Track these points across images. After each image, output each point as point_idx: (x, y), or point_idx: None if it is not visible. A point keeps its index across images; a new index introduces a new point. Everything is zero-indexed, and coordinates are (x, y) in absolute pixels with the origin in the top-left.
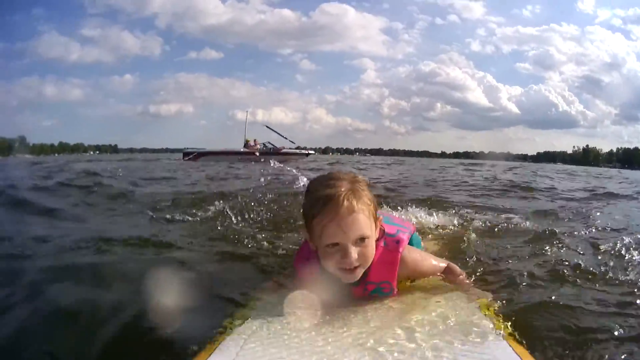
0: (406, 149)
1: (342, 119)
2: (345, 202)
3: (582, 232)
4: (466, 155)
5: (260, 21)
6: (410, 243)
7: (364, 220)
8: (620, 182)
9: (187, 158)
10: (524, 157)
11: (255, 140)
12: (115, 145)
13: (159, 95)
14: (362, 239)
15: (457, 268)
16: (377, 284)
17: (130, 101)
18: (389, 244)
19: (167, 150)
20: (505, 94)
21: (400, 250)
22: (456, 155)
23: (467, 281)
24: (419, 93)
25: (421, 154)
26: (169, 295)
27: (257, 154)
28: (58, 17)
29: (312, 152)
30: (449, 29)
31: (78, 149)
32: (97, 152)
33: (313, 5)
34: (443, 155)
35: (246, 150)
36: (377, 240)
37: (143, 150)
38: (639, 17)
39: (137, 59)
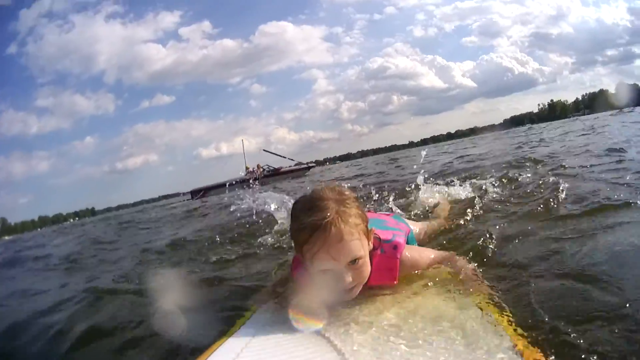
0: (374, 147)
1: (305, 133)
2: (333, 229)
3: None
4: (434, 139)
5: (204, 56)
6: (407, 243)
7: (354, 243)
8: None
9: (196, 197)
10: (491, 128)
11: (258, 165)
12: (93, 208)
13: (122, 150)
14: (355, 261)
15: (458, 260)
16: (376, 287)
17: (96, 162)
18: (387, 250)
19: (142, 202)
20: (458, 71)
21: (398, 255)
22: (424, 142)
23: (472, 273)
24: (373, 90)
25: (389, 148)
26: (169, 303)
27: (252, 180)
28: (11, 93)
29: (313, 164)
30: (388, 21)
31: (58, 219)
32: (77, 218)
33: (251, 29)
34: (411, 145)
35: (245, 177)
36: (374, 249)
37: (120, 207)
38: None
39: (93, 119)
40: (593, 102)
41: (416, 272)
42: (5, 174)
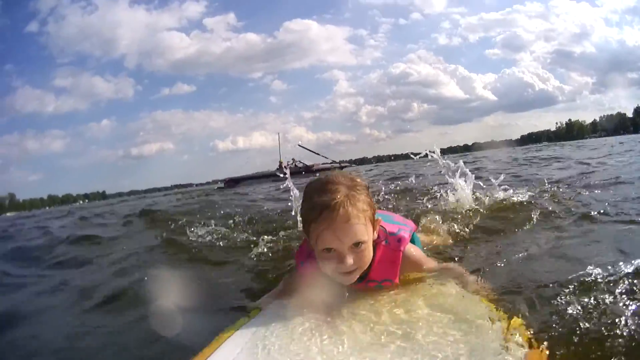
0: (390, 154)
1: (322, 134)
2: (341, 210)
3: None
4: (450, 150)
5: (227, 49)
6: (412, 241)
7: (359, 227)
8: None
9: (230, 187)
10: (508, 143)
11: (293, 159)
12: (104, 192)
13: (138, 136)
14: (358, 244)
15: (458, 268)
16: (379, 281)
17: (111, 146)
18: (391, 242)
19: (154, 190)
20: (479, 83)
21: (402, 248)
22: (442, 152)
23: (473, 280)
24: (394, 96)
25: (405, 156)
26: (171, 299)
27: (281, 175)
28: (29, 70)
29: (347, 164)
30: (413, 27)
31: (67, 199)
32: (87, 200)
33: (276, 25)
34: (427, 154)
35: (278, 172)
36: (378, 240)
37: (131, 193)
38: None
39: (111, 103)
40: (610, 125)
41: (416, 273)
42: (19, 151)
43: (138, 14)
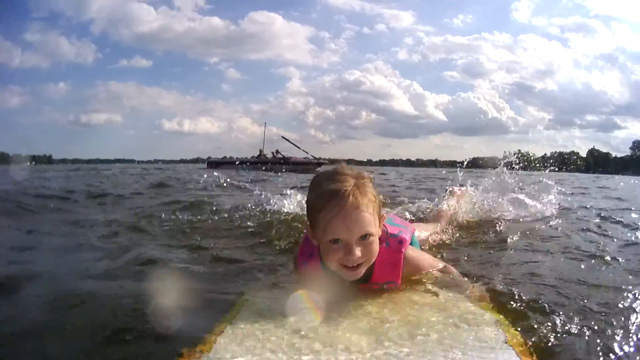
0: (332, 158)
1: (268, 129)
2: (351, 198)
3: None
4: (392, 162)
5: (190, 29)
6: (411, 243)
7: (368, 217)
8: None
9: (211, 168)
10: (452, 164)
11: (277, 150)
12: (50, 156)
13: (90, 104)
14: (366, 236)
15: (452, 268)
16: (382, 283)
17: (63, 109)
18: (392, 244)
19: (97, 161)
20: (432, 102)
21: (403, 250)
22: (382, 162)
23: (464, 279)
24: (344, 101)
25: (347, 162)
26: (163, 294)
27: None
28: (5, 19)
29: (326, 161)
30: (376, 38)
31: (16, 160)
32: (34, 162)
33: (242, 13)
34: (369, 163)
35: (257, 160)
36: (380, 240)
37: (76, 161)
38: (578, 25)
39: (71, 66)
40: (561, 161)
41: (417, 274)
42: None
43: None
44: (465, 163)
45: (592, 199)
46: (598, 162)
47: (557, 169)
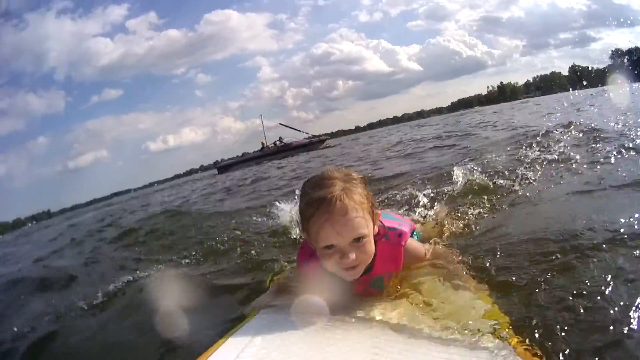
0: (321, 133)
1: (251, 122)
2: (338, 203)
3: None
4: (380, 123)
5: (150, 48)
6: (411, 236)
7: (358, 220)
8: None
9: (222, 173)
10: (439, 111)
11: (280, 138)
12: (49, 210)
13: (72, 148)
14: (359, 239)
15: (451, 256)
16: (382, 274)
17: (49, 162)
18: (392, 238)
19: (94, 201)
20: (403, 55)
21: (403, 243)
22: (370, 126)
23: (460, 268)
24: (318, 76)
25: (335, 134)
26: (174, 300)
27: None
28: None
29: (328, 137)
30: (333, 6)
31: (17, 224)
32: (34, 222)
33: (196, 18)
34: (357, 129)
35: (261, 153)
36: (378, 236)
37: (74, 208)
38: None
39: (45, 118)
40: (544, 84)
41: (416, 264)
42: None
43: (65, 24)
44: (449, 105)
45: None
46: (582, 78)
47: (540, 93)
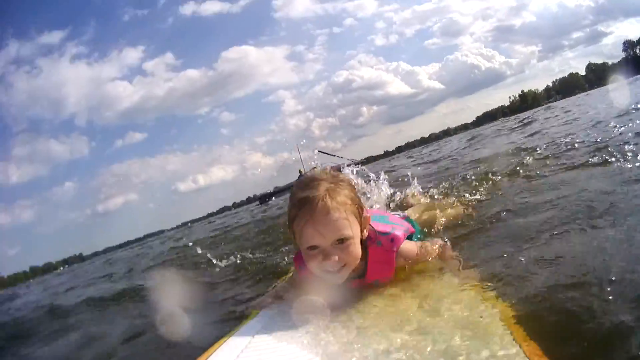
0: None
1: (280, 156)
2: (320, 204)
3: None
4: (408, 146)
5: (170, 89)
6: (409, 237)
7: (341, 221)
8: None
9: (263, 203)
10: (465, 127)
11: (314, 167)
12: (81, 254)
13: (101, 192)
14: (342, 240)
15: (449, 250)
16: (376, 280)
17: (78, 207)
18: (384, 243)
19: (128, 243)
20: (424, 75)
21: (395, 249)
22: (399, 149)
23: (458, 261)
24: (342, 104)
25: (367, 160)
26: (174, 301)
27: None
28: None
29: (364, 160)
30: (349, 33)
31: (49, 268)
32: (66, 265)
33: (214, 56)
34: (386, 154)
35: None
36: (370, 241)
37: (107, 250)
38: None
39: (70, 164)
40: (564, 87)
41: (410, 262)
42: None
43: (80, 69)
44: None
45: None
46: (598, 75)
47: (561, 97)
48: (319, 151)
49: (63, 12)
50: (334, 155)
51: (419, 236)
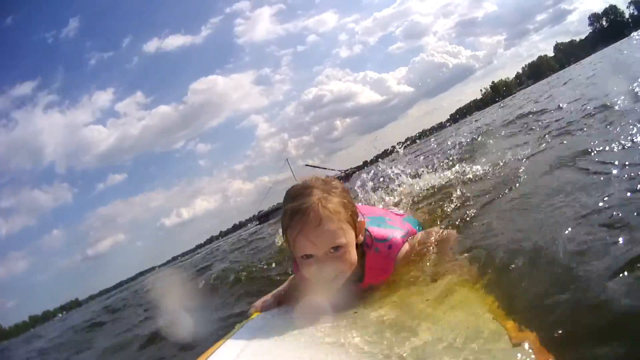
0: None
1: (260, 180)
2: (312, 214)
3: None
4: (386, 153)
5: (144, 127)
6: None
7: (334, 230)
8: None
9: (263, 222)
10: (440, 126)
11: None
12: (77, 299)
13: (89, 236)
14: (336, 248)
15: (449, 240)
16: (374, 284)
17: (68, 253)
18: (382, 250)
19: (122, 283)
20: (392, 80)
21: (393, 256)
22: (377, 158)
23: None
24: (315, 121)
25: (345, 172)
26: (175, 301)
27: None
28: None
29: (355, 170)
30: (313, 49)
31: (47, 316)
32: (64, 312)
33: (182, 90)
34: (365, 164)
35: None
36: (367, 247)
37: (101, 293)
38: None
39: (55, 211)
40: (534, 71)
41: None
42: None
43: (54, 118)
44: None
45: None
46: (568, 54)
47: (532, 82)
48: (306, 165)
49: (31, 62)
50: (323, 168)
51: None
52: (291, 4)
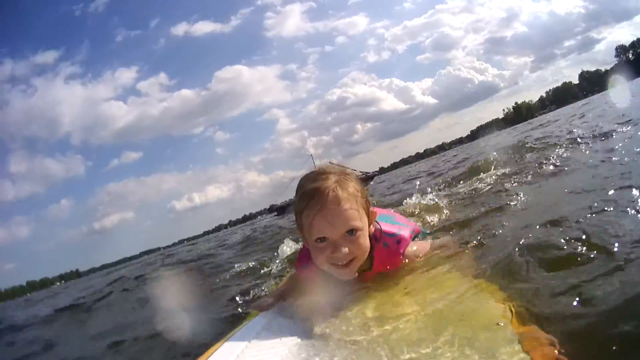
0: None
1: (275, 175)
2: (331, 194)
3: None
4: (403, 162)
5: (165, 109)
6: (416, 236)
7: (351, 211)
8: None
9: (280, 214)
10: (460, 141)
11: None
12: (77, 270)
13: (97, 210)
14: (352, 231)
15: (450, 242)
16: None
17: (74, 224)
18: (390, 244)
19: (125, 260)
20: (417, 90)
21: (402, 250)
22: (394, 165)
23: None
24: (336, 122)
25: (379, 172)
26: (175, 301)
27: None
28: None
29: (377, 172)
30: (341, 50)
31: (45, 283)
32: (63, 281)
33: (207, 77)
34: (382, 171)
35: None
36: (375, 241)
37: (103, 267)
38: None
39: (66, 182)
40: (558, 97)
41: (418, 258)
42: None
43: (75, 90)
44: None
45: None
46: (592, 82)
47: (555, 107)
48: (330, 162)
49: (56, 32)
50: (343, 167)
51: (427, 233)
52: (322, 2)
